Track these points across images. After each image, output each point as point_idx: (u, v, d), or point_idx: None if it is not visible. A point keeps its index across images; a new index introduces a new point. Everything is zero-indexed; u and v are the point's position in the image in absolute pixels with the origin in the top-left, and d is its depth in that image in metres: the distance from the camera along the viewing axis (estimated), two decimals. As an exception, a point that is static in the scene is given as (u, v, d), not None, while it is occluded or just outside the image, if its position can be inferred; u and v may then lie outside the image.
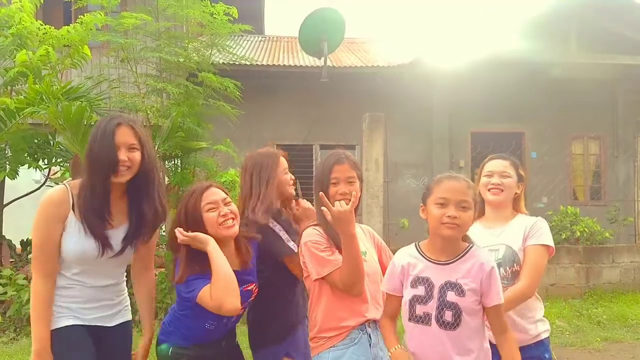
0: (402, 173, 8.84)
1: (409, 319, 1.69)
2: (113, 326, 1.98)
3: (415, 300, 1.68)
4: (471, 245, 1.72)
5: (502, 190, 2.07)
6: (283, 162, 2.28)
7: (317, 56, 7.87)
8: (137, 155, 1.87)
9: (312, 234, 1.89)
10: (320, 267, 1.83)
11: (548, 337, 2.04)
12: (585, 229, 6.60)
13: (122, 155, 1.82)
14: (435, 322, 1.64)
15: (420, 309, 1.67)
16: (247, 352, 2.19)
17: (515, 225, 2.07)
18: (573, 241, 6.66)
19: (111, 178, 1.83)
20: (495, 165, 2.14)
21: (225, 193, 2.00)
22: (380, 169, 5.76)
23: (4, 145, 5.41)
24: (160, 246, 5.52)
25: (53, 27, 5.68)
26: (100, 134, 1.83)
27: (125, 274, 2.09)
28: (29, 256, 5.02)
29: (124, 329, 2.03)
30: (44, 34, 5.60)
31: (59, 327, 1.84)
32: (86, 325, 1.90)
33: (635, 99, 9.17)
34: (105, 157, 1.80)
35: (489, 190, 2.11)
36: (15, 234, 6.08)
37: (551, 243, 2.01)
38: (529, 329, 2.00)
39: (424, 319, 1.66)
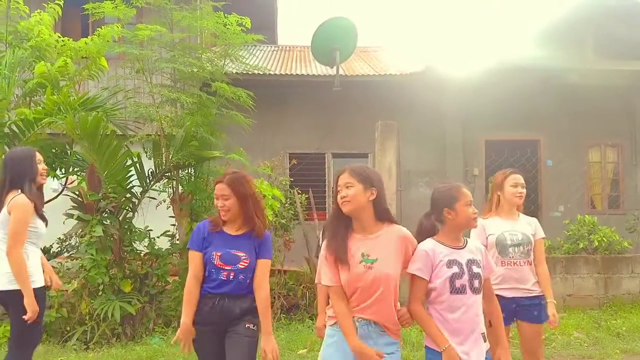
0: (415, 181, 8.78)
1: (450, 292, 2.18)
2: None
3: (454, 277, 2.18)
4: (466, 238, 2.38)
5: (523, 197, 3.05)
6: None
7: (329, 65, 7.90)
8: None
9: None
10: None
11: (542, 294, 3.01)
12: (604, 239, 6.47)
13: None
14: (469, 290, 2.19)
15: (458, 283, 2.18)
16: None
17: (523, 220, 3.09)
18: (591, 251, 6.53)
19: None
20: (518, 178, 3.06)
21: (232, 190, 2.52)
22: (393, 178, 5.73)
23: (22, 155, 5.51)
24: (173, 255, 5.57)
25: (71, 39, 5.81)
26: None
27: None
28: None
29: None
30: (62, 46, 5.73)
31: None
32: None
33: (653, 105, 9.01)
34: None
35: (517, 196, 3.04)
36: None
37: (544, 235, 3.18)
38: (531, 289, 3.00)
39: (461, 290, 2.18)
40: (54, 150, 5.64)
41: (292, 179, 7.26)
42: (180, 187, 5.84)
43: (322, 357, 2.25)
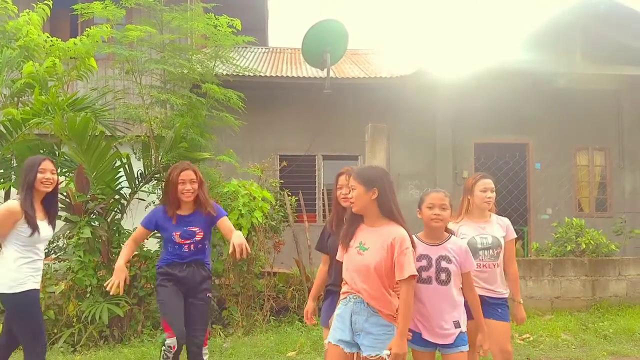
0: (405, 184, 8.82)
1: (417, 281, 2.44)
2: None
3: (421, 269, 2.51)
4: (450, 235, 2.65)
5: (491, 201, 3.17)
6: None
7: (320, 67, 7.91)
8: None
9: None
10: None
11: (506, 296, 3.15)
12: (591, 241, 6.52)
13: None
14: (435, 281, 2.53)
15: (424, 274, 2.53)
16: None
17: (494, 222, 3.20)
18: (578, 253, 6.59)
19: None
20: (487, 183, 3.16)
21: (197, 176, 3.14)
22: (383, 180, 5.75)
23: (10, 156, 5.46)
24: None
25: (60, 40, 5.76)
26: None
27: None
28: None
29: None
30: (50, 46, 5.68)
31: None
32: None
33: (640, 109, 9.13)
34: None
35: (485, 202, 3.14)
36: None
37: (515, 235, 3.28)
38: (496, 290, 3.11)
39: (427, 280, 2.53)
40: (41, 151, 5.58)
41: (282, 181, 7.25)
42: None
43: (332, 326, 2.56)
